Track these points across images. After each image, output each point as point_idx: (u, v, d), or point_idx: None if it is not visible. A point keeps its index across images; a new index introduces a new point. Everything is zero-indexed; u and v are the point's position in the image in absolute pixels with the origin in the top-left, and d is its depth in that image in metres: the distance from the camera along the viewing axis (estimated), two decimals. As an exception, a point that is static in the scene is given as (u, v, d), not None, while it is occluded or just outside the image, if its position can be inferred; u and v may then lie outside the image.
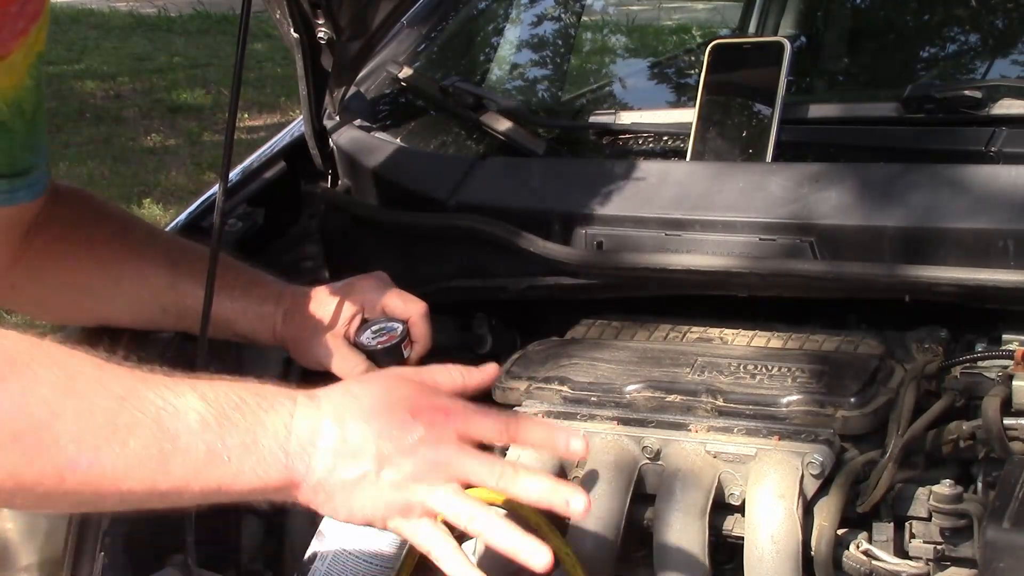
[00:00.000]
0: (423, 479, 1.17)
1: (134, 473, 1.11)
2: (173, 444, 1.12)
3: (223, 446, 1.13)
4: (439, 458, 1.17)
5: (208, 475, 1.13)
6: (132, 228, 1.69)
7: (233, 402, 1.15)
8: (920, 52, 2.61)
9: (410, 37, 2.24)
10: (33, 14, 1.35)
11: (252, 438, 1.14)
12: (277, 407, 1.17)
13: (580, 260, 1.75)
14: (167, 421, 1.12)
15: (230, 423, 1.14)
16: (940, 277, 1.56)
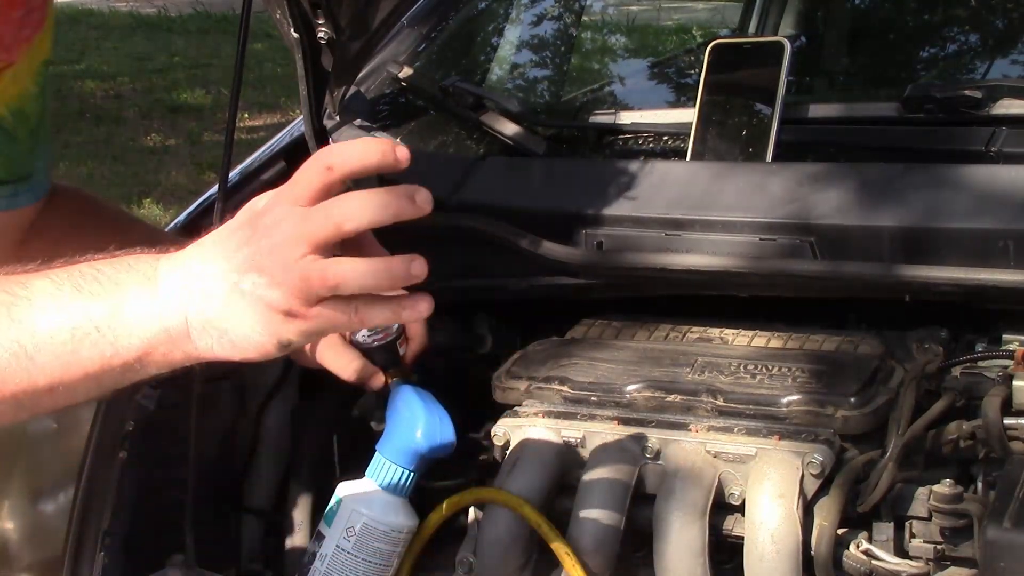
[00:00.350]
0: (280, 262, 1.08)
1: (7, 376, 1.08)
2: (33, 336, 1.08)
3: (88, 318, 1.09)
4: (283, 235, 1.08)
5: (84, 355, 1.09)
6: (131, 228, 1.69)
7: (89, 275, 1.11)
8: (920, 52, 2.61)
9: (410, 37, 2.24)
10: (38, 22, 1.35)
11: (116, 301, 1.09)
12: (137, 265, 1.12)
13: (580, 260, 1.75)
14: (20, 314, 1.08)
15: (89, 295, 1.09)
16: (940, 277, 1.56)
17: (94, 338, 1.09)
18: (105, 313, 1.09)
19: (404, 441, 1.49)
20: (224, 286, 1.09)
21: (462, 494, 1.58)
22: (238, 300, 1.09)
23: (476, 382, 1.79)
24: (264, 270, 1.08)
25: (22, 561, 1.62)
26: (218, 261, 1.10)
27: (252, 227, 1.10)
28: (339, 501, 1.50)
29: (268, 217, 1.10)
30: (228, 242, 1.11)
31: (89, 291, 1.10)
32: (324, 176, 1.11)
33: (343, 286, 1.08)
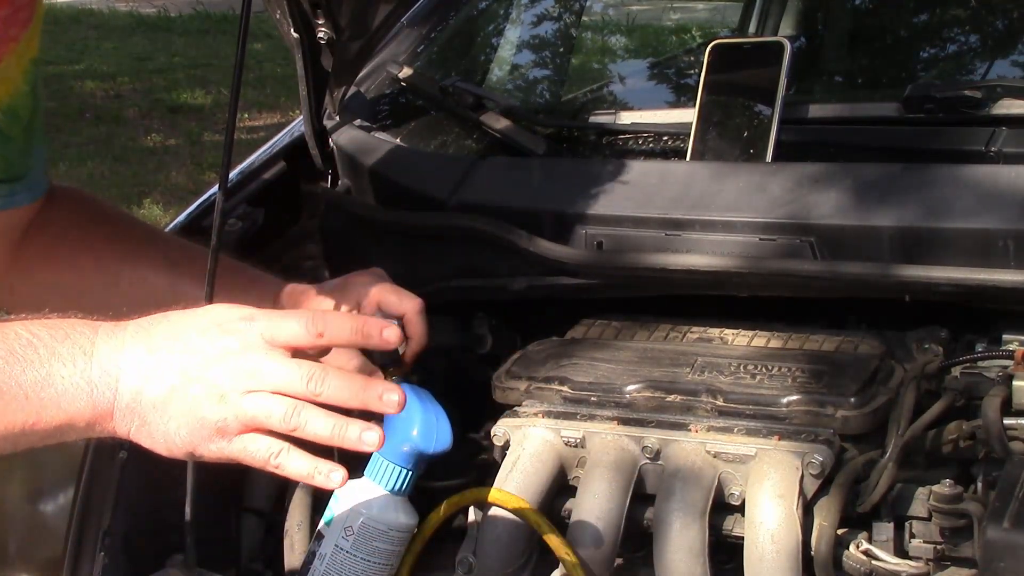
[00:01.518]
0: (233, 387, 1.10)
1: None
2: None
3: (17, 384, 1.09)
4: (246, 365, 1.11)
5: (7, 417, 1.09)
6: (131, 229, 1.69)
7: (24, 339, 1.11)
8: (920, 52, 2.61)
9: (410, 37, 2.24)
10: (24, 21, 1.34)
11: (47, 371, 1.10)
12: (75, 336, 1.12)
13: (580, 260, 1.75)
14: None
15: (23, 360, 1.09)
16: (940, 277, 1.56)
17: (20, 403, 1.09)
18: (36, 381, 1.10)
19: (401, 440, 1.49)
20: (169, 382, 1.10)
21: (462, 494, 1.58)
22: (178, 401, 1.10)
23: (476, 382, 1.79)
24: (216, 385, 1.10)
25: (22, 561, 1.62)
26: (171, 356, 1.11)
27: (217, 338, 1.12)
28: (338, 500, 1.50)
29: (238, 339, 1.11)
30: (187, 341, 1.12)
31: (23, 356, 1.10)
32: (311, 340, 1.14)
33: (297, 430, 1.11)
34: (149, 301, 1.63)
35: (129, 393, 1.11)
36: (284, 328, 1.13)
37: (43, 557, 1.61)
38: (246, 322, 1.12)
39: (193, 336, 1.12)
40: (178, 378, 1.10)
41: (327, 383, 1.12)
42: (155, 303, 1.63)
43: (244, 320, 1.13)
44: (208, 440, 1.12)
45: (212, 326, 1.13)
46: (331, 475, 1.13)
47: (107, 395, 1.11)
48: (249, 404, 1.10)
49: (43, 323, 1.13)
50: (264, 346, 1.12)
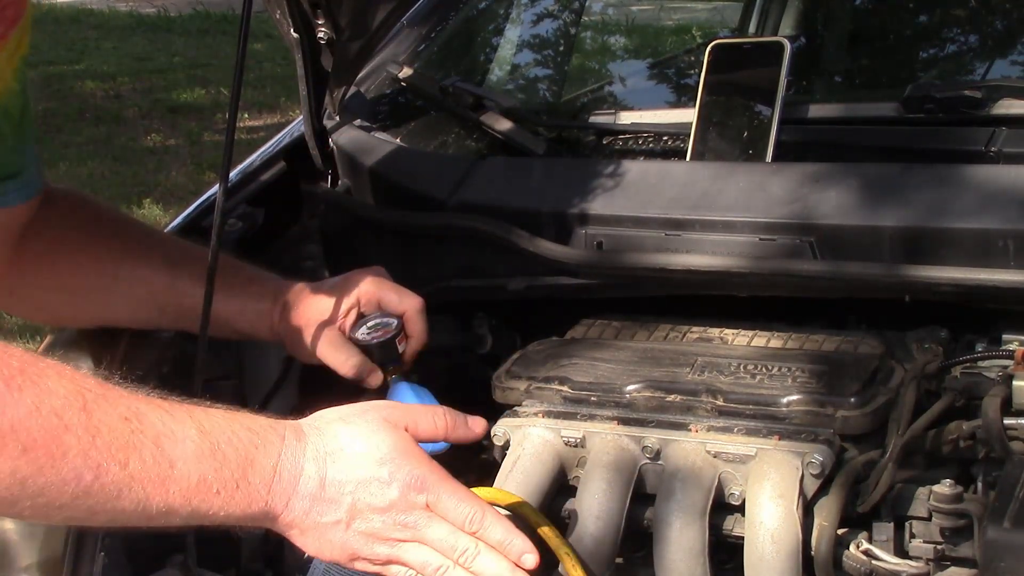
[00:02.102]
0: (389, 536, 1.25)
1: (129, 493, 1.14)
2: (169, 469, 1.16)
3: (214, 478, 1.18)
4: (408, 520, 1.24)
5: (197, 503, 1.18)
6: (129, 229, 1.69)
7: (226, 435, 1.20)
8: (920, 52, 2.61)
9: (410, 37, 2.24)
10: (12, 19, 1.34)
11: (241, 474, 1.19)
12: (266, 445, 1.22)
13: (580, 260, 1.75)
14: (166, 446, 1.16)
15: (223, 456, 1.19)
16: (940, 277, 1.56)
17: (211, 496, 1.19)
18: (229, 482, 1.20)
19: None
20: (333, 517, 1.24)
21: (462, 494, 1.58)
22: (334, 527, 1.25)
23: (476, 382, 1.79)
24: (369, 526, 1.25)
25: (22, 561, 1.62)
26: (341, 495, 1.25)
27: (379, 487, 1.25)
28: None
29: (403, 501, 1.25)
30: (352, 475, 1.25)
31: (225, 454, 1.20)
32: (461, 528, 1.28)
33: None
34: (149, 300, 1.64)
35: (299, 512, 1.23)
36: (448, 508, 1.27)
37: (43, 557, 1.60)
38: (417, 485, 1.26)
39: (363, 472, 1.25)
40: (344, 514, 1.24)
41: (476, 562, 1.27)
42: (154, 302, 1.64)
43: (415, 480, 1.26)
44: (355, 560, 1.27)
45: (382, 467, 1.25)
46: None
47: (279, 507, 1.23)
48: (403, 550, 1.26)
49: (239, 420, 1.23)
50: (426, 507, 1.26)
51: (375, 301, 1.64)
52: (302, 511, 1.23)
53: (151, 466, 1.15)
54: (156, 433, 1.16)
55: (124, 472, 1.13)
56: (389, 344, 1.59)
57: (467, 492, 1.29)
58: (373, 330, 1.61)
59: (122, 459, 1.13)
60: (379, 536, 1.25)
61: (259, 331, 1.66)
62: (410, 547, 1.25)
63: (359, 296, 1.64)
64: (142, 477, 1.14)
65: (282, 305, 1.64)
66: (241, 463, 1.19)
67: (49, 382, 1.12)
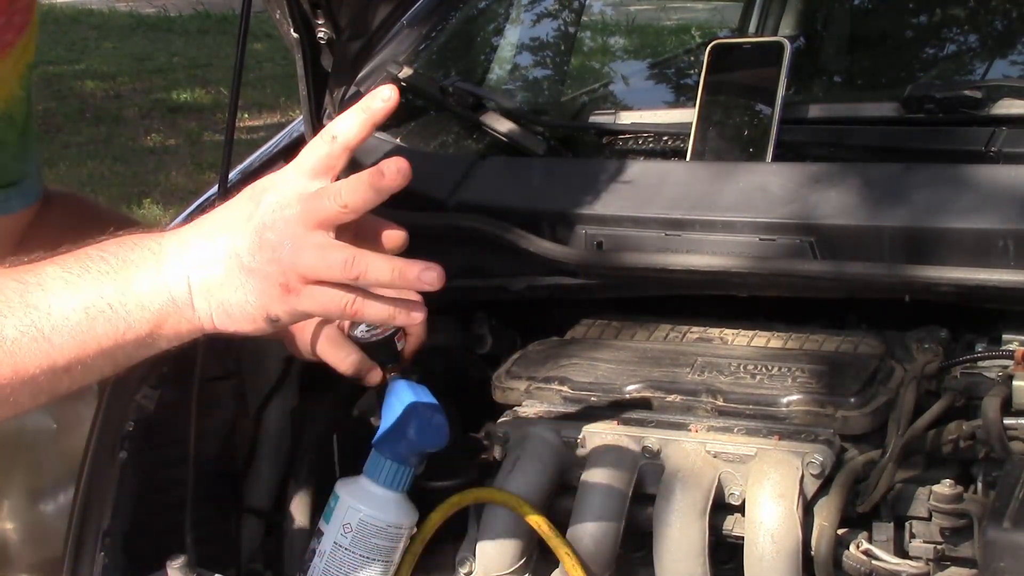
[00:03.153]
0: (286, 247, 1.14)
1: (26, 359, 1.11)
2: (49, 318, 1.11)
3: (99, 297, 1.13)
4: (294, 230, 1.15)
5: (99, 332, 1.13)
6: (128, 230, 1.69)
7: (95, 256, 1.15)
8: (920, 52, 2.61)
9: (410, 37, 2.24)
10: (20, 26, 1.35)
11: (125, 277, 1.14)
12: (141, 243, 1.16)
13: (580, 260, 1.75)
14: (34, 299, 1.12)
15: (98, 274, 1.14)
16: (940, 277, 1.56)
17: (108, 315, 1.13)
18: (116, 290, 1.13)
19: (398, 437, 1.49)
20: (226, 257, 1.15)
21: (462, 494, 1.58)
22: (238, 271, 1.14)
23: (476, 382, 1.79)
24: (266, 245, 1.13)
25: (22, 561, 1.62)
26: (222, 234, 1.15)
27: (255, 202, 1.15)
28: (337, 498, 1.50)
29: (273, 194, 1.15)
30: (231, 216, 1.16)
31: (98, 271, 1.14)
32: (328, 146, 1.17)
33: (360, 277, 1.13)
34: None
35: (199, 278, 1.15)
36: (304, 153, 1.17)
37: (43, 557, 1.61)
38: (275, 174, 1.17)
39: (240, 207, 1.16)
40: (235, 249, 1.15)
41: (368, 265, 1.15)
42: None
43: (273, 175, 1.17)
44: (278, 300, 1.15)
45: (251, 191, 1.17)
46: (412, 313, 1.18)
47: (182, 288, 1.15)
48: (307, 256, 1.14)
49: (111, 241, 1.17)
50: (301, 189, 1.16)
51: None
52: (202, 277, 1.15)
53: (27, 325, 1.10)
54: (19, 292, 1.11)
55: (3, 343, 1.09)
56: (388, 342, 1.59)
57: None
58: (371, 328, 1.61)
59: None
60: (277, 248, 1.14)
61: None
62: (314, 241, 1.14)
63: None
64: (24, 339, 1.10)
65: None
66: (119, 271, 1.14)
67: None
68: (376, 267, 1.15)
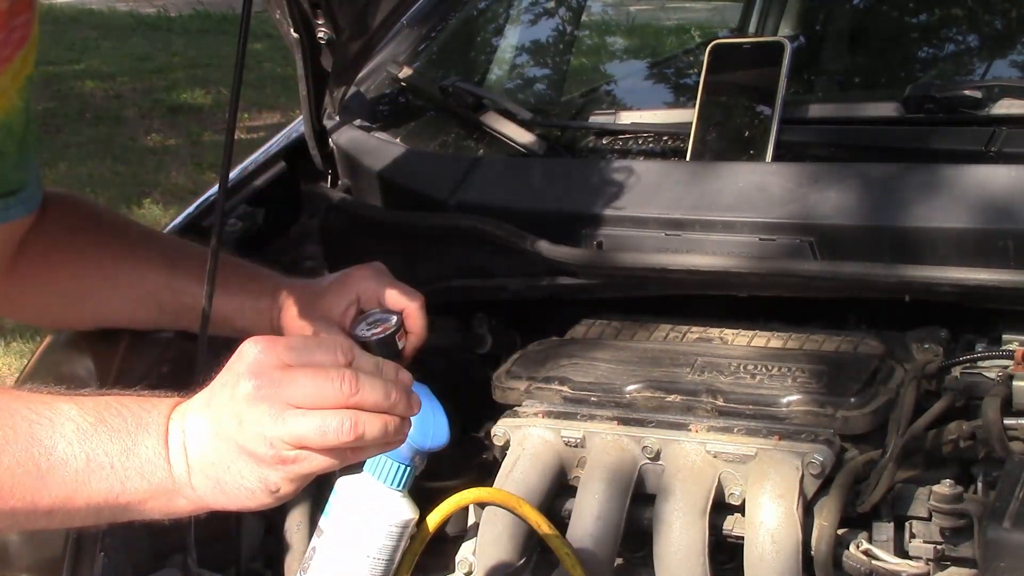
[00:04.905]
0: (272, 410, 1.10)
1: (13, 491, 1.08)
2: (49, 457, 1.09)
3: (104, 453, 1.11)
4: (279, 390, 1.11)
5: (93, 487, 1.11)
6: (127, 230, 1.69)
7: (113, 408, 1.13)
8: (920, 52, 2.61)
9: (410, 37, 2.24)
10: (19, 41, 1.35)
11: (133, 440, 1.12)
12: (157, 406, 1.15)
13: (580, 260, 1.75)
14: (41, 434, 1.10)
15: (110, 429, 1.12)
16: (940, 277, 1.56)
17: (106, 472, 1.11)
18: (121, 450, 1.11)
19: None
20: (215, 435, 1.12)
21: (462, 494, 1.58)
22: (225, 448, 1.12)
23: (476, 382, 1.79)
24: (247, 421, 1.10)
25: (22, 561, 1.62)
26: (211, 411, 1.13)
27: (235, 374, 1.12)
28: (337, 496, 1.50)
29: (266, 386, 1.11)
30: (221, 392, 1.13)
31: (111, 425, 1.12)
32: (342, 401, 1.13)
33: (358, 438, 1.11)
34: (148, 300, 1.64)
35: (196, 458, 1.13)
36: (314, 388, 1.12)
37: (43, 557, 1.60)
38: (262, 348, 1.13)
39: (228, 383, 1.13)
40: (220, 427, 1.12)
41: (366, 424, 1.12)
42: (154, 302, 1.64)
43: (259, 347, 1.13)
44: (273, 471, 1.12)
45: (239, 366, 1.14)
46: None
47: (181, 465, 1.13)
48: (290, 422, 1.10)
49: (131, 396, 1.15)
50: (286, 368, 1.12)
51: (375, 297, 1.64)
52: (199, 453, 1.13)
53: (27, 458, 1.08)
54: (29, 424, 1.09)
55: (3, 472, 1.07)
56: (389, 340, 1.60)
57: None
58: (373, 326, 1.61)
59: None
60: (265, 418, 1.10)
61: (259, 328, 1.66)
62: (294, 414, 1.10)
63: (359, 292, 1.64)
64: (19, 472, 1.08)
65: (281, 301, 1.65)
66: (131, 431, 1.11)
67: None
68: (372, 425, 1.12)
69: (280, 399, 1.10)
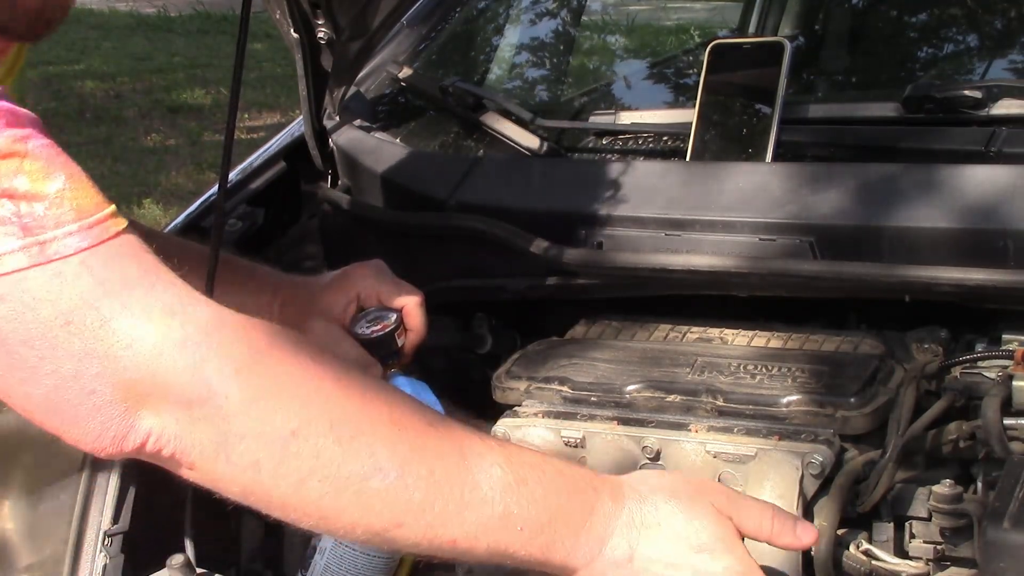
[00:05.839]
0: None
1: (431, 507, 1.10)
2: (472, 492, 1.11)
3: (519, 514, 1.13)
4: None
5: (499, 537, 1.13)
6: None
7: (536, 474, 1.15)
8: (920, 52, 2.61)
9: (410, 37, 2.24)
10: None
11: (548, 518, 1.14)
12: (579, 494, 1.16)
13: (580, 260, 1.75)
14: (472, 463, 1.12)
15: (530, 494, 1.14)
16: (940, 277, 1.56)
17: (514, 534, 1.13)
18: (534, 522, 1.14)
19: None
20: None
21: (462, 494, 1.58)
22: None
23: (476, 382, 1.79)
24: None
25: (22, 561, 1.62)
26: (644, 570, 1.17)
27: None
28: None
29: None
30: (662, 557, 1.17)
31: (530, 491, 1.14)
32: None
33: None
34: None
35: (603, 567, 1.16)
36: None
37: (43, 557, 1.60)
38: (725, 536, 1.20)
39: (674, 556, 1.18)
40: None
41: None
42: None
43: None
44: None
45: (694, 554, 1.18)
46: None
47: (580, 563, 1.16)
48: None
49: (548, 459, 1.18)
50: None
51: (374, 295, 1.64)
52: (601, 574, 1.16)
53: (454, 480, 1.10)
54: (461, 446, 1.12)
55: (430, 479, 1.09)
56: (388, 338, 1.60)
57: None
58: (372, 324, 1.61)
59: (428, 464, 1.09)
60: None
61: None
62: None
63: (358, 290, 1.64)
64: (446, 491, 1.10)
65: (281, 299, 1.65)
66: (550, 508, 1.14)
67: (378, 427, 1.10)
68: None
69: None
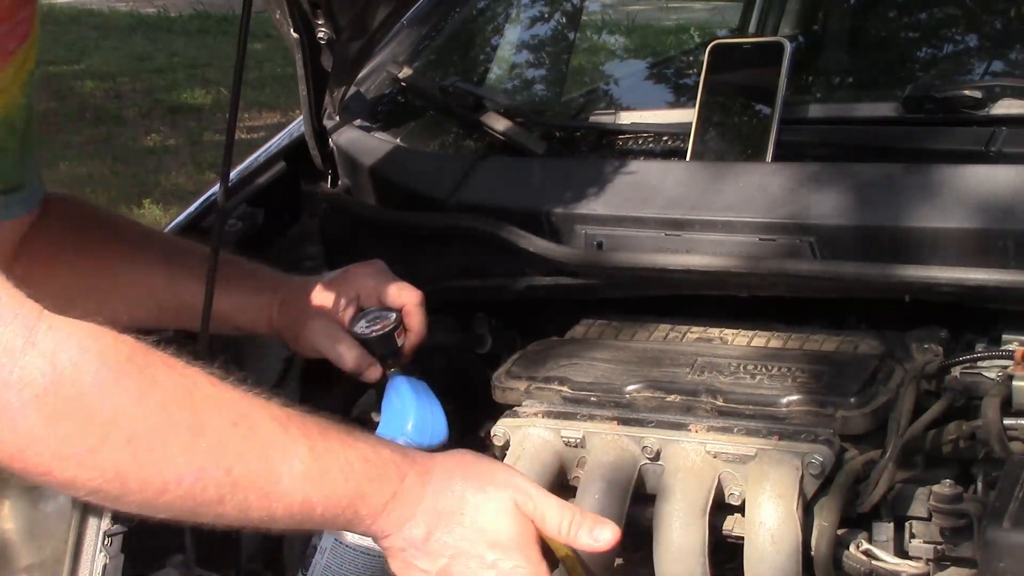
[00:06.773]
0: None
1: (231, 499, 1.12)
2: (274, 485, 1.13)
3: (319, 501, 1.15)
4: None
5: (300, 519, 1.16)
6: (126, 229, 1.69)
7: (340, 463, 1.17)
8: (920, 52, 2.61)
9: (410, 37, 2.24)
10: (22, 35, 1.35)
11: (348, 503, 1.17)
12: (382, 480, 1.19)
13: (580, 260, 1.75)
14: (273, 459, 1.13)
15: (332, 484, 1.16)
16: (940, 277, 1.56)
17: (314, 516, 1.17)
18: (333, 508, 1.17)
19: (396, 433, 1.49)
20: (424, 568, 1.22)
21: (462, 494, 1.58)
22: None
23: (476, 382, 1.79)
24: None
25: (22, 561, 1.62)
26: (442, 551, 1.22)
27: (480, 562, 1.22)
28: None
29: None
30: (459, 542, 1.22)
31: (333, 482, 1.17)
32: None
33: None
34: (148, 299, 1.64)
35: (395, 544, 1.21)
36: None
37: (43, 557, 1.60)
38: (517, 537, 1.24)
39: (472, 543, 1.22)
40: (432, 569, 1.22)
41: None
42: (154, 300, 1.64)
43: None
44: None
45: (492, 548, 1.22)
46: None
47: (378, 533, 1.21)
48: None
49: (356, 448, 1.19)
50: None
51: (375, 294, 1.64)
52: (398, 547, 1.21)
53: (255, 477, 1.12)
54: (264, 443, 1.13)
55: (226, 478, 1.10)
56: (388, 337, 1.60)
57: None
58: (372, 323, 1.61)
59: (226, 465, 1.10)
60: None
61: (258, 326, 1.66)
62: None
63: (358, 290, 1.64)
64: (245, 485, 1.11)
65: (281, 299, 1.65)
66: (350, 494, 1.17)
67: (156, 373, 1.09)
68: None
69: None
